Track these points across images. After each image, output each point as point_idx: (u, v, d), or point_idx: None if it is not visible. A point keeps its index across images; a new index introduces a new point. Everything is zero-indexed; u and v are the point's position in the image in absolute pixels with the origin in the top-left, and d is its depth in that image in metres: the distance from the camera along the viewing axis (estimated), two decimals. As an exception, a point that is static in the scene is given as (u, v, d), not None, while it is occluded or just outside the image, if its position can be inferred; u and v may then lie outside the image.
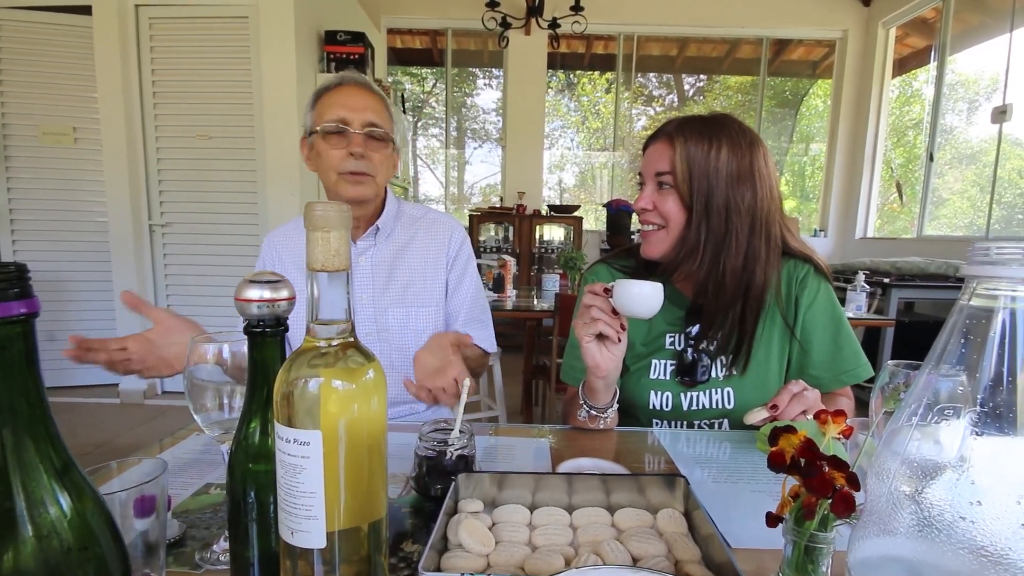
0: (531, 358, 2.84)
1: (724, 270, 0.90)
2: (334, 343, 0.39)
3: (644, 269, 0.99)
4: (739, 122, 0.92)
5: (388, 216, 1.13)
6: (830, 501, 0.37)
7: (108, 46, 3.07)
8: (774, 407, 0.74)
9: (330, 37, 3.46)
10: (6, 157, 3.22)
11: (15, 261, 0.27)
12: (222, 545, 0.54)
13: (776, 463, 0.40)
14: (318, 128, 1.02)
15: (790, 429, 0.41)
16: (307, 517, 0.38)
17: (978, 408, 0.30)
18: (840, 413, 0.46)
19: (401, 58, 5.81)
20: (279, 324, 0.46)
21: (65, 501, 0.28)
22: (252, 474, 0.45)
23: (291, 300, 0.47)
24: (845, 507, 0.37)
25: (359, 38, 3.49)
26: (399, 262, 1.13)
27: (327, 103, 1.03)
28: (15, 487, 0.27)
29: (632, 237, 4.76)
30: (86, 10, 3.07)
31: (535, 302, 2.83)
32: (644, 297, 0.76)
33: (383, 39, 5.08)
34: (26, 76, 3.19)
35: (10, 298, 0.26)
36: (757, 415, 0.75)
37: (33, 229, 3.31)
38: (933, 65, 4.44)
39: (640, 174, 0.97)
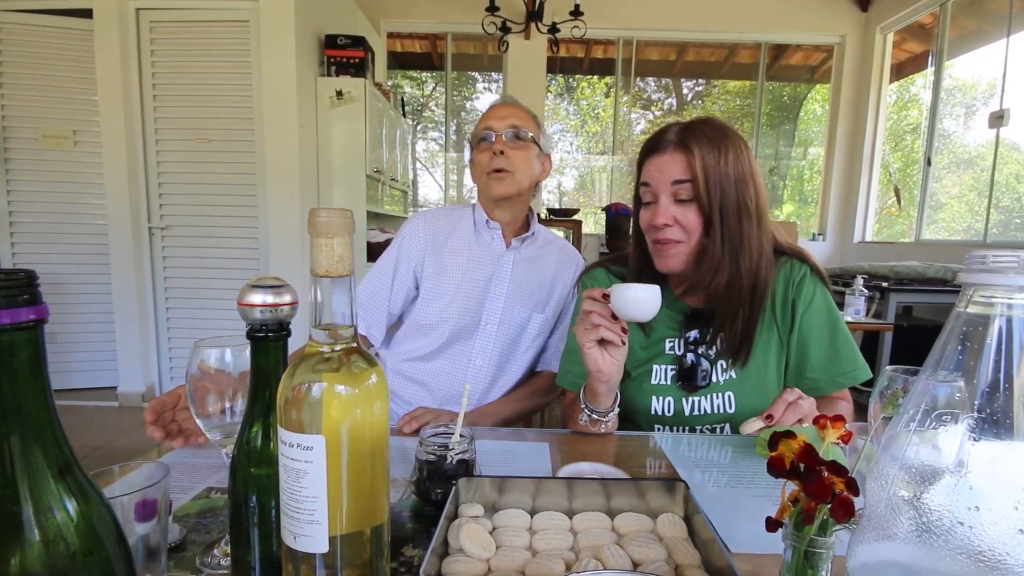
0: (530, 361, 2.83)
1: (741, 272, 0.90)
2: (337, 348, 0.39)
3: (640, 272, 1.00)
4: (725, 123, 0.92)
5: (533, 226, 1.26)
6: (829, 506, 0.37)
7: (109, 49, 3.07)
8: (769, 417, 0.74)
9: (330, 41, 3.47)
10: (6, 160, 3.21)
11: (24, 268, 0.27)
12: (223, 549, 0.54)
13: (776, 468, 0.40)
14: (470, 140, 1.21)
15: (790, 434, 0.41)
16: (310, 522, 0.38)
17: (976, 414, 0.30)
18: (839, 418, 0.46)
19: (401, 62, 5.82)
20: (281, 329, 0.46)
21: (71, 506, 0.28)
22: (254, 478, 0.45)
23: (294, 305, 0.47)
24: (844, 512, 0.37)
25: (359, 42, 3.49)
26: (533, 267, 1.23)
27: (480, 120, 1.20)
28: (22, 492, 0.27)
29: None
30: (87, 13, 3.08)
31: (534, 305, 2.82)
32: (642, 301, 0.76)
33: (383, 43, 5.10)
34: (27, 79, 3.19)
35: (19, 304, 0.26)
36: (752, 425, 0.75)
37: (33, 232, 3.30)
38: (931, 70, 4.47)
39: (643, 186, 0.93)
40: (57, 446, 0.29)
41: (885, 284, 3.26)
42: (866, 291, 2.71)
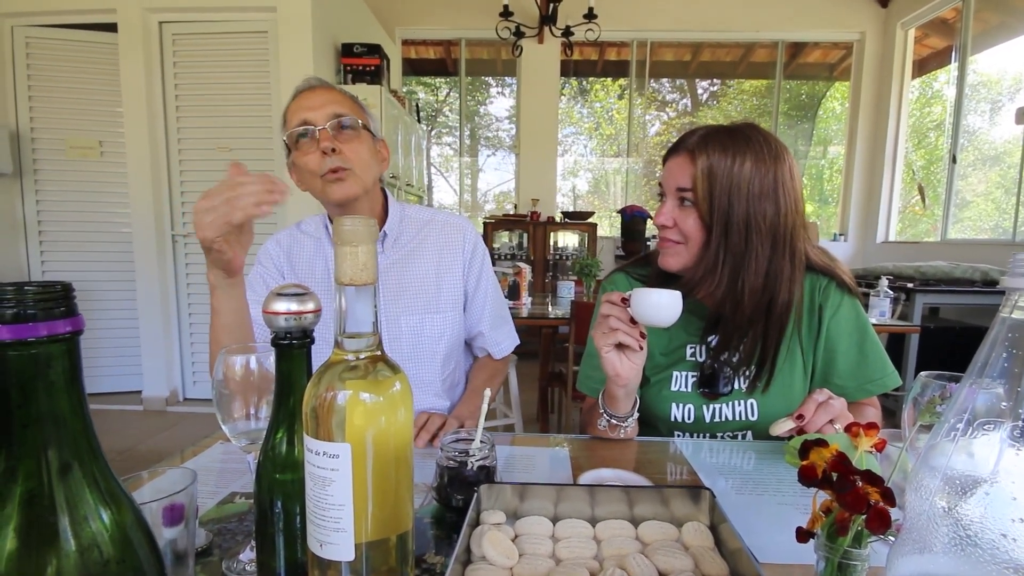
0: (547, 365, 2.83)
1: (743, 289, 0.88)
2: (362, 356, 0.39)
3: (662, 276, 0.99)
4: (764, 133, 0.88)
5: (394, 220, 1.09)
6: (864, 517, 0.36)
7: (133, 62, 3.16)
8: (800, 417, 0.73)
9: (347, 49, 3.52)
10: (35, 171, 3.31)
11: (60, 280, 0.28)
12: (249, 555, 0.54)
13: (807, 477, 0.39)
14: (285, 138, 1.00)
15: (821, 442, 0.40)
16: (336, 529, 0.38)
17: (1021, 423, 0.29)
18: (872, 426, 0.45)
19: (415, 68, 5.88)
20: (305, 336, 0.46)
21: (106, 514, 0.29)
22: (279, 484, 0.45)
23: (317, 312, 0.47)
24: (880, 523, 0.36)
25: (375, 50, 3.54)
26: (409, 268, 1.09)
27: (289, 112, 1.00)
28: (59, 502, 0.27)
29: (648, 243, 4.74)
30: (112, 27, 3.17)
31: (550, 309, 2.82)
32: (662, 306, 0.75)
33: (398, 50, 5.15)
34: (54, 91, 3.29)
35: (56, 316, 0.27)
36: (783, 426, 0.73)
37: (60, 240, 3.40)
38: (954, 65, 4.37)
39: (660, 185, 0.95)
40: (92, 456, 0.29)
41: (911, 285, 3.18)
42: (891, 292, 2.65)
